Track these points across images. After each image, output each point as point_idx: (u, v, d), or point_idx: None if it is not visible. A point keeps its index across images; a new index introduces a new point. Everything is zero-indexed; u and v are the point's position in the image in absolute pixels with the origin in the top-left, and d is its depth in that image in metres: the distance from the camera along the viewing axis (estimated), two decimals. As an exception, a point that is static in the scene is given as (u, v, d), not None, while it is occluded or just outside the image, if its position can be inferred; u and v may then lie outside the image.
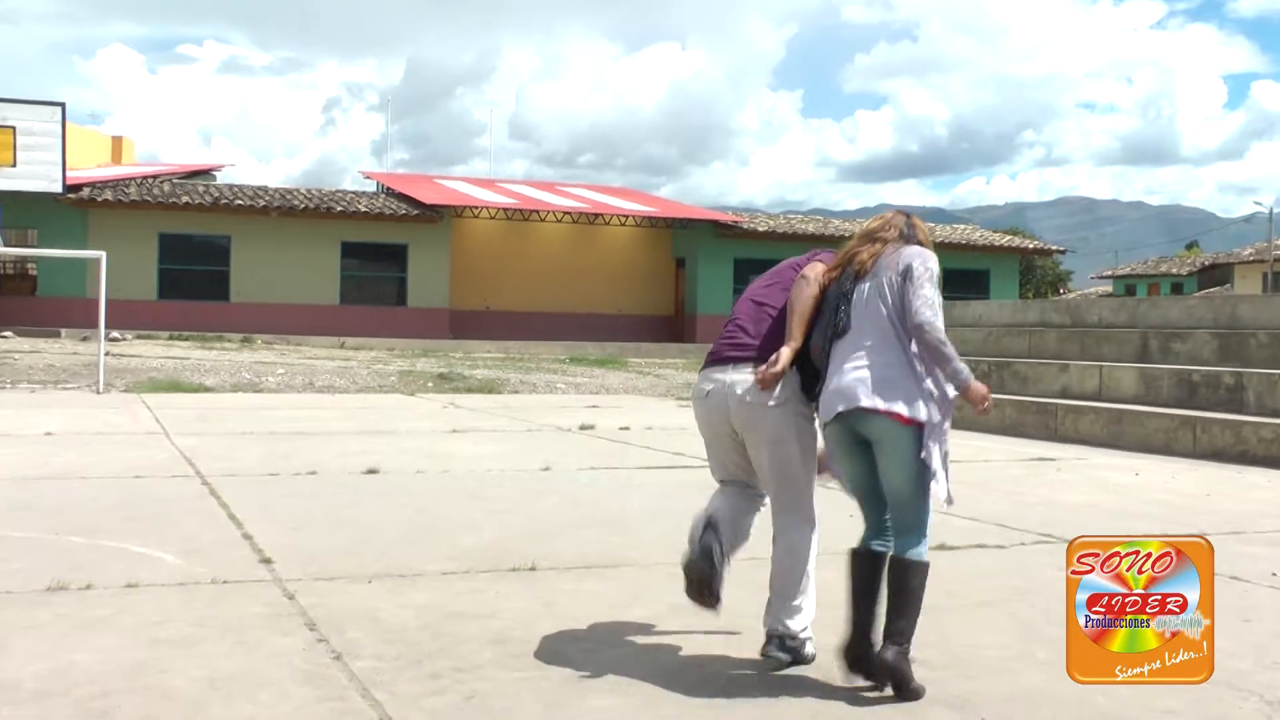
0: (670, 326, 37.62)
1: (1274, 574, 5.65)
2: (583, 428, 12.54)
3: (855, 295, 3.91)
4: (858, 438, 3.86)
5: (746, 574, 5.46)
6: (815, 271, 4.08)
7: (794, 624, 3.99)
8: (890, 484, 3.84)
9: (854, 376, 3.80)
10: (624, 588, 5.19)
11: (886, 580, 3.82)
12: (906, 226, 4.07)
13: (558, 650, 4.15)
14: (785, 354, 3.93)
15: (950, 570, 5.64)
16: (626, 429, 12.47)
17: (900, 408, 3.73)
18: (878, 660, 3.73)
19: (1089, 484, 8.99)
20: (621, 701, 3.62)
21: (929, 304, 3.78)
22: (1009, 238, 47.30)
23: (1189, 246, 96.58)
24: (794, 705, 3.62)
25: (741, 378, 4.01)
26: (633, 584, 5.28)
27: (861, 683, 3.77)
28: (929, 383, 3.79)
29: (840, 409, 3.82)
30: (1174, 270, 68.70)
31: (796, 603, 4.00)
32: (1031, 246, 47.85)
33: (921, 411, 3.74)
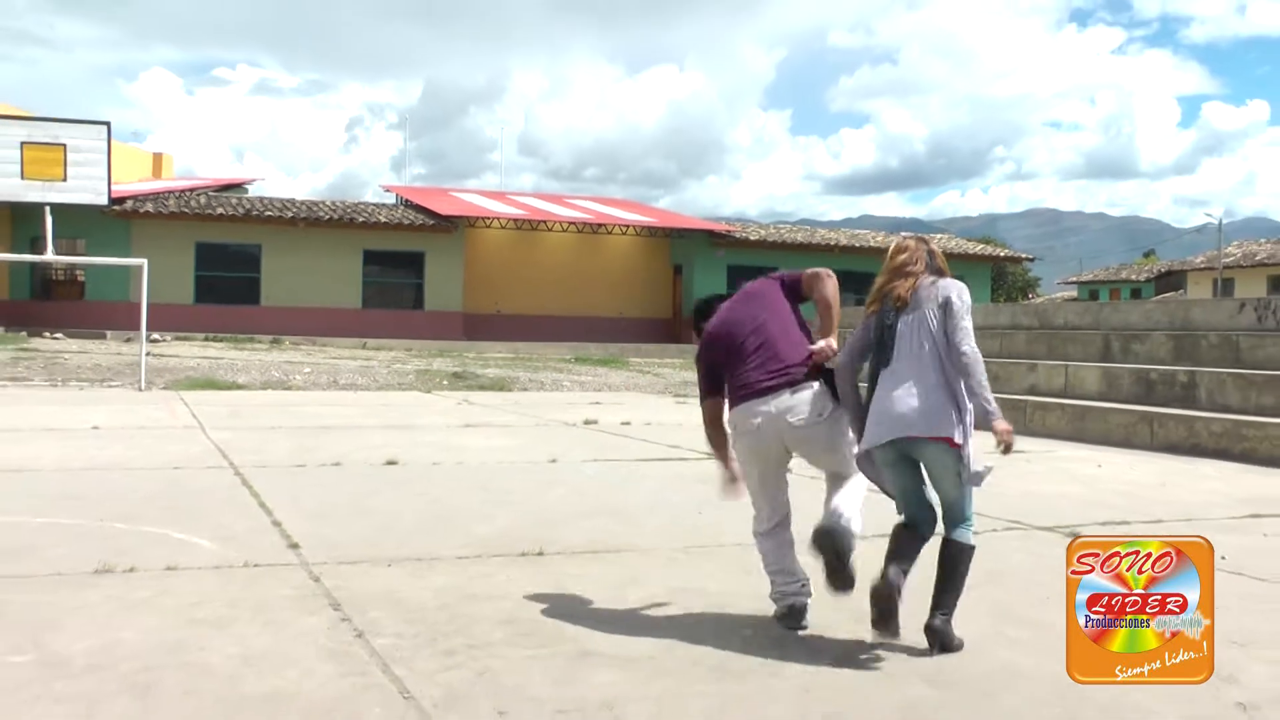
0: (668, 329, 37.57)
1: (1223, 558, 5.63)
2: (587, 423, 12.53)
3: (900, 327, 4.02)
4: (907, 457, 4.03)
5: (736, 558, 5.47)
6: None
7: (848, 521, 4.04)
8: (943, 493, 4.04)
9: (906, 405, 3.94)
10: (626, 571, 5.19)
11: (939, 559, 4.03)
12: (929, 256, 4.15)
13: (564, 629, 4.15)
14: (835, 342, 4.17)
15: (928, 556, 5.64)
16: (628, 424, 12.46)
17: (949, 433, 3.90)
18: (927, 627, 3.93)
19: (1056, 475, 8.98)
20: (624, 676, 3.62)
21: (969, 335, 3.94)
22: (982, 246, 47.25)
23: (1146, 255, 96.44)
24: (785, 678, 3.62)
25: (787, 403, 4.10)
26: (634, 568, 5.28)
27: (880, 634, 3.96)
28: (970, 405, 3.96)
29: (892, 436, 3.97)
30: (1133, 277, 68.66)
31: (852, 513, 4.10)
32: (1003, 254, 47.77)
33: (961, 434, 3.91)
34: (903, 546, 4.05)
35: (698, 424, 4.72)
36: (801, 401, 4.09)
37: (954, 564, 4.01)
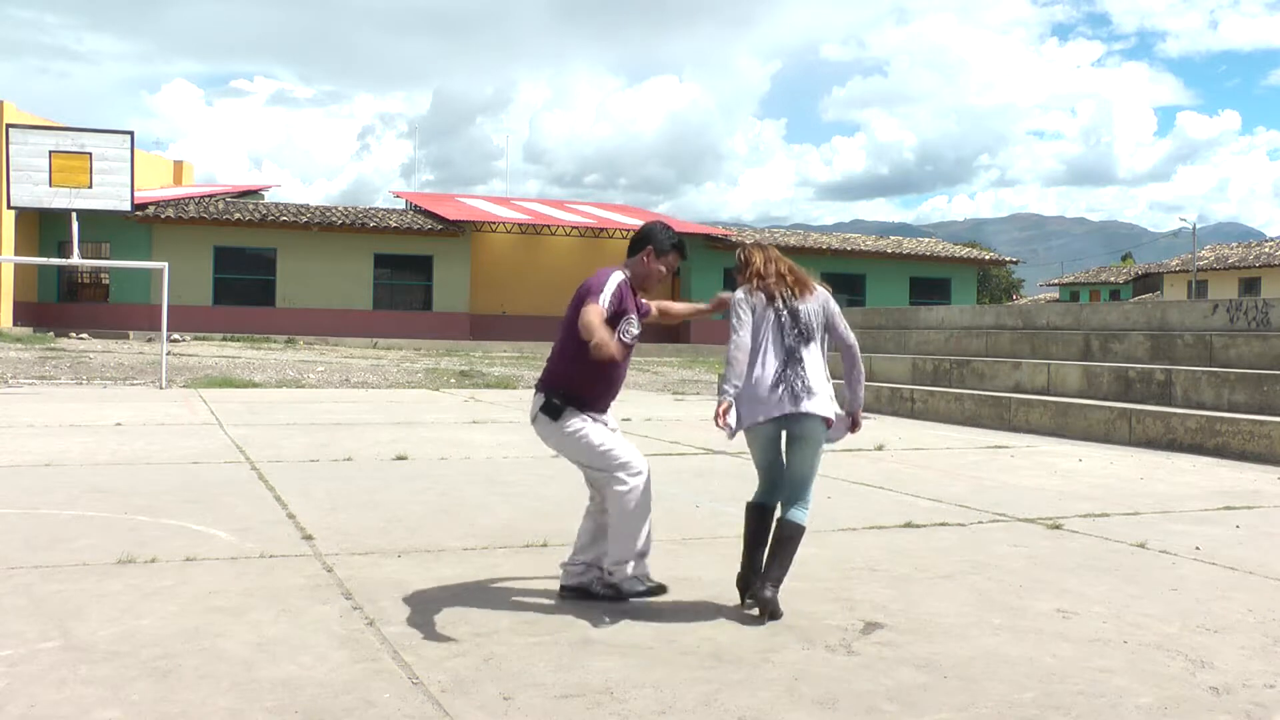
0: (667, 329, 37.58)
1: (1198, 548, 5.65)
2: (589, 419, 12.49)
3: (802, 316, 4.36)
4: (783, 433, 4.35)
5: (732, 550, 5.47)
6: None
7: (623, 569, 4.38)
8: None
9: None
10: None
11: (774, 536, 4.28)
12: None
13: (566, 618, 4.14)
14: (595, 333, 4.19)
15: (915, 546, 5.64)
16: (628, 420, 12.43)
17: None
18: (757, 596, 4.17)
19: (1039, 469, 8.98)
20: (623, 662, 3.62)
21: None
22: (968, 250, 47.22)
23: (1124, 258, 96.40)
24: (778, 665, 3.62)
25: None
26: (633, 558, 5.26)
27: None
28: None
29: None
30: (1112, 279, 68.66)
31: (621, 556, 4.37)
32: (988, 258, 47.76)
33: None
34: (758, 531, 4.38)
35: (696, 420, 4.74)
36: (531, 402, 4.44)
37: (791, 540, 4.26)
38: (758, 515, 4.37)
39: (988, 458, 9.73)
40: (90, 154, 16.54)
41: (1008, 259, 53.93)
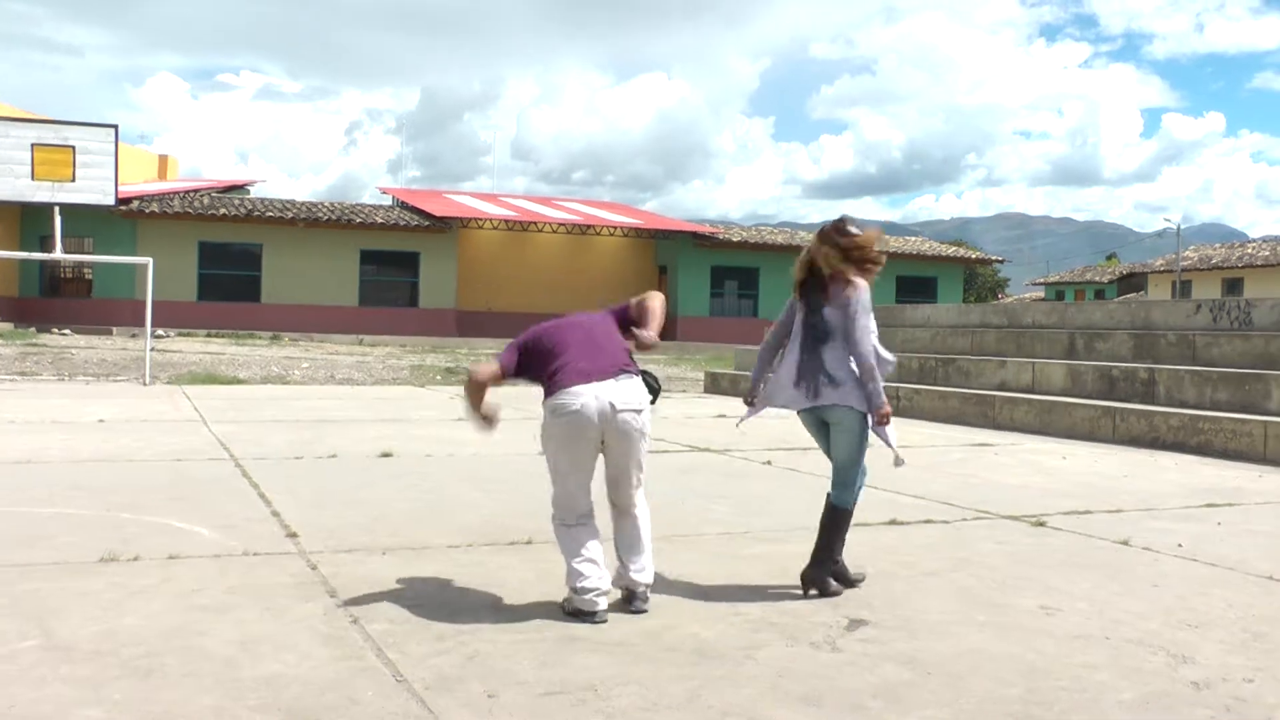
0: (654, 326, 37.60)
1: (1180, 545, 5.69)
2: (575, 416, 12.48)
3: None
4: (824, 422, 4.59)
5: (716, 546, 5.48)
6: None
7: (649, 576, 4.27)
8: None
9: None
10: (610, 560, 5.17)
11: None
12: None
13: (551, 615, 4.14)
14: (654, 335, 4.40)
15: (901, 543, 5.67)
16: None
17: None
18: (802, 573, 4.50)
19: (1023, 466, 9.02)
20: (607, 660, 3.62)
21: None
22: (954, 249, 47.37)
23: (1109, 258, 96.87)
24: (762, 663, 3.62)
25: (612, 388, 4.16)
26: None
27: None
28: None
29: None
30: (1097, 278, 69.01)
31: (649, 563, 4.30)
32: (974, 257, 47.89)
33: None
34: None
35: (681, 418, 4.74)
36: (627, 389, 4.13)
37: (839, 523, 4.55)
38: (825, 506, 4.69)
39: (972, 455, 9.76)
40: (73, 147, 16.43)
41: (994, 258, 54.13)
